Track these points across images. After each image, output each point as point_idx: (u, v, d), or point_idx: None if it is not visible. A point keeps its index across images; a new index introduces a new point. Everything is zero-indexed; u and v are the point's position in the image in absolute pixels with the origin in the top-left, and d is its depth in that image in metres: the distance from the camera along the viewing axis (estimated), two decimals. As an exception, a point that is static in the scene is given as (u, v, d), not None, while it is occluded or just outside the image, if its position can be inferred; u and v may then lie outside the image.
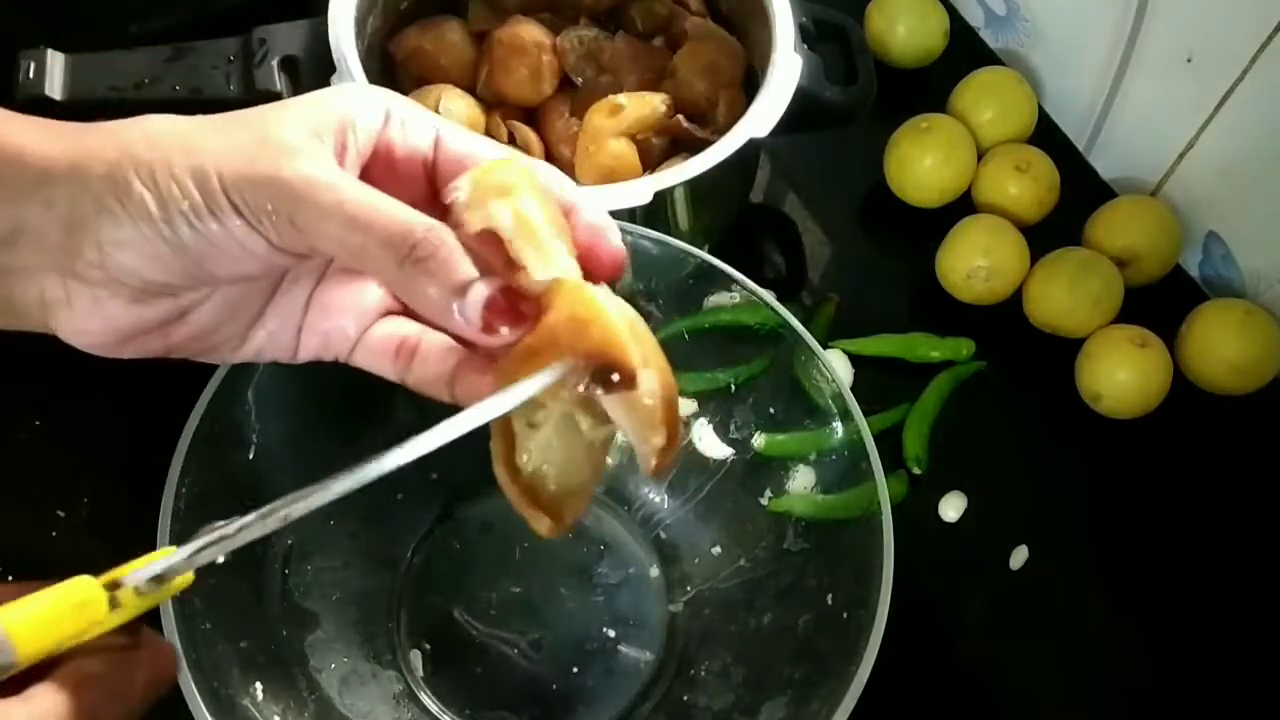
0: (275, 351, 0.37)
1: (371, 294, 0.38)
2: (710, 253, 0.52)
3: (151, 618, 0.40)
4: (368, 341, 0.38)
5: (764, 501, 0.55)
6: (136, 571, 0.29)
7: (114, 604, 0.28)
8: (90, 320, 0.32)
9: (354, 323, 0.37)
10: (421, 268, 0.30)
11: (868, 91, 0.66)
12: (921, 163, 0.71)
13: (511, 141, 0.64)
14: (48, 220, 0.31)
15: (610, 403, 0.32)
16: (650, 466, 0.33)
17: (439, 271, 0.30)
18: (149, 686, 0.29)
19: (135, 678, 0.29)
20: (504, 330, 0.31)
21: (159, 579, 0.29)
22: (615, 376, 0.31)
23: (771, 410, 0.55)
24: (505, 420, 0.33)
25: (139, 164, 0.31)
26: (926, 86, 0.78)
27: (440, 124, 0.35)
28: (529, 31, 0.65)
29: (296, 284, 0.37)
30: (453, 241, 0.31)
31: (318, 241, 0.31)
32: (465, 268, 0.31)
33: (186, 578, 0.29)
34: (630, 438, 0.33)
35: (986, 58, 0.82)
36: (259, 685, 0.46)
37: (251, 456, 0.48)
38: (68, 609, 0.27)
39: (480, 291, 0.31)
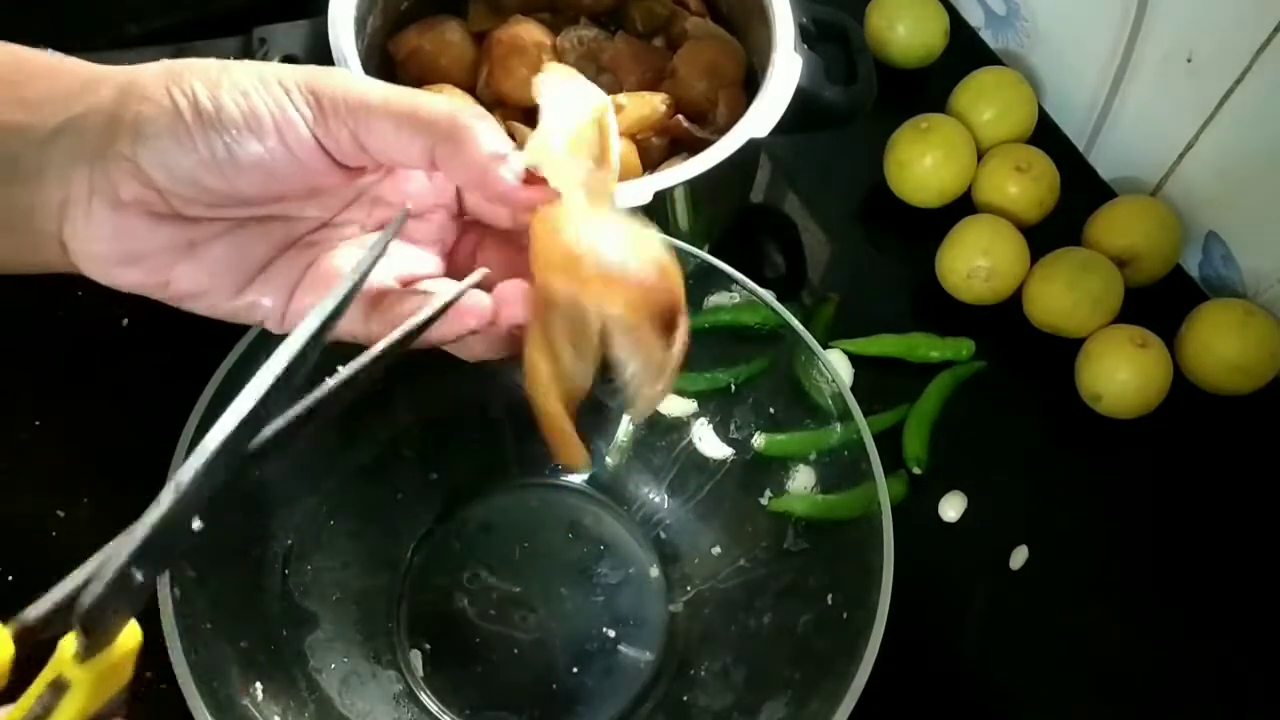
0: (267, 309, 0.37)
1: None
2: (710, 253, 0.52)
3: (151, 616, 0.40)
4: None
5: (764, 501, 0.55)
6: (33, 608, 0.26)
7: (61, 688, 0.26)
8: (102, 227, 0.33)
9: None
10: (468, 134, 0.34)
11: (868, 91, 0.66)
12: (921, 163, 0.71)
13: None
14: (92, 113, 0.33)
15: (623, 347, 0.34)
16: (637, 411, 0.35)
17: (484, 134, 0.34)
18: None
19: None
20: (535, 192, 0.35)
21: (94, 643, 0.26)
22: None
23: (771, 410, 0.55)
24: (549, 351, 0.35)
25: (194, 68, 0.33)
26: (926, 86, 0.78)
27: None
28: (529, 31, 0.65)
29: (307, 249, 0.37)
30: (486, 114, 0.35)
31: (369, 131, 0.34)
32: (503, 134, 0.35)
33: (132, 634, 0.27)
34: (631, 379, 0.35)
35: (986, 58, 0.82)
36: (259, 685, 0.46)
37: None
38: None
39: (519, 154, 0.35)
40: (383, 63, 0.66)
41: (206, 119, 0.32)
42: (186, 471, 0.28)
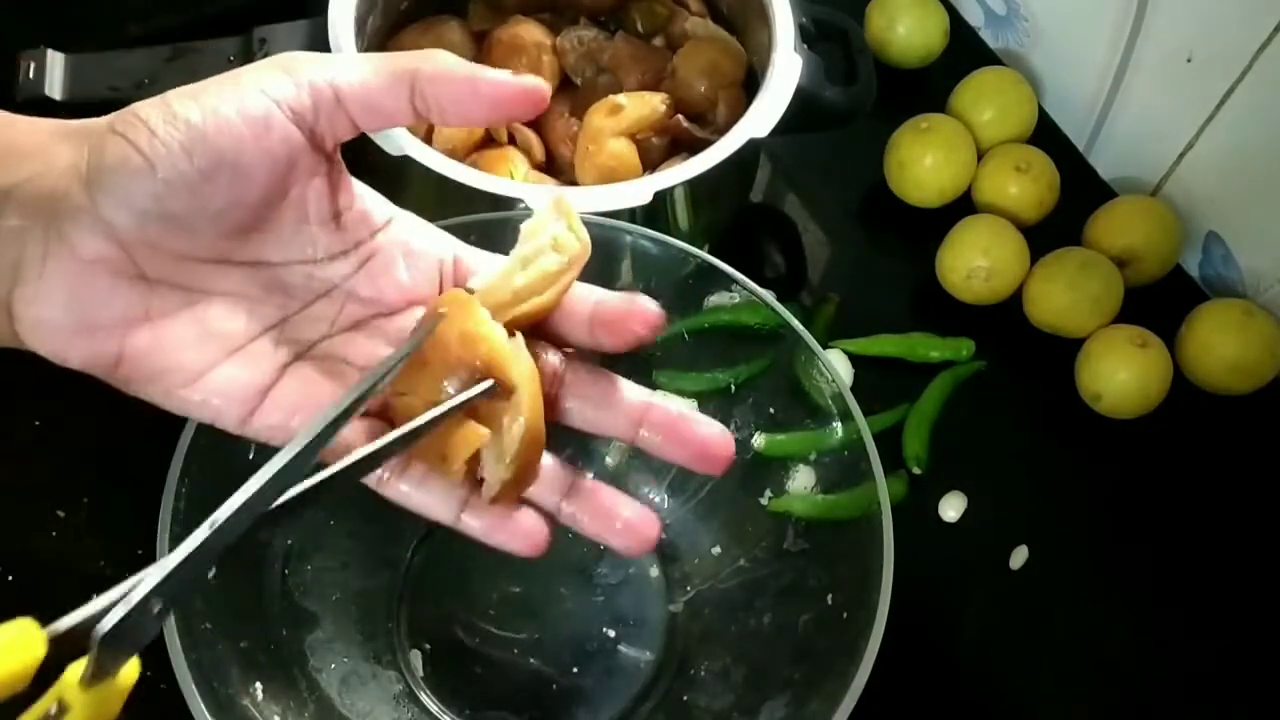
0: (226, 403, 0.35)
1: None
2: (710, 253, 0.52)
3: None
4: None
5: (764, 501, 0.55)
6: (64, 620, 0.27)
7: (62, 710, 0.27)
8: (57, 290, 0.31)
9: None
10: (442, 57, 0.34)
11: (868, 91, 0.66)
12: (921, 163, 0.71)
13: (512, 141, 0.64)
14: (49, 170, 0.31)
15: (486, 419, 0.35)
16: (489, 494, 0.36)
17: (450, 58, 0.34)
18: None
19: None
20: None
21: (101, 668, 0.27)
22: (492, 386, 0.35)
23: (771, 410, 0.55)
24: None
25: (144, 102, 0.32)
26: (926, 86, 0.78)
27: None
28: (529, 31, 0.65)
29: (279, 346, 0.36)
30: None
31: (345, 83, 0.33)
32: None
33: (133, 671, 0.28)
34: (485, 460, 0.36)
35: (986, 58, 0.82)
36: (259, 685, 0.46)
37: (251, 456, 0.48)
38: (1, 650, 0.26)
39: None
40: (383, 63, 0.66)
41: (160, 135, 0.31)
42: (224, 512, 0.30)
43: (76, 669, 0.27)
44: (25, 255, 0.31)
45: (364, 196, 0.38)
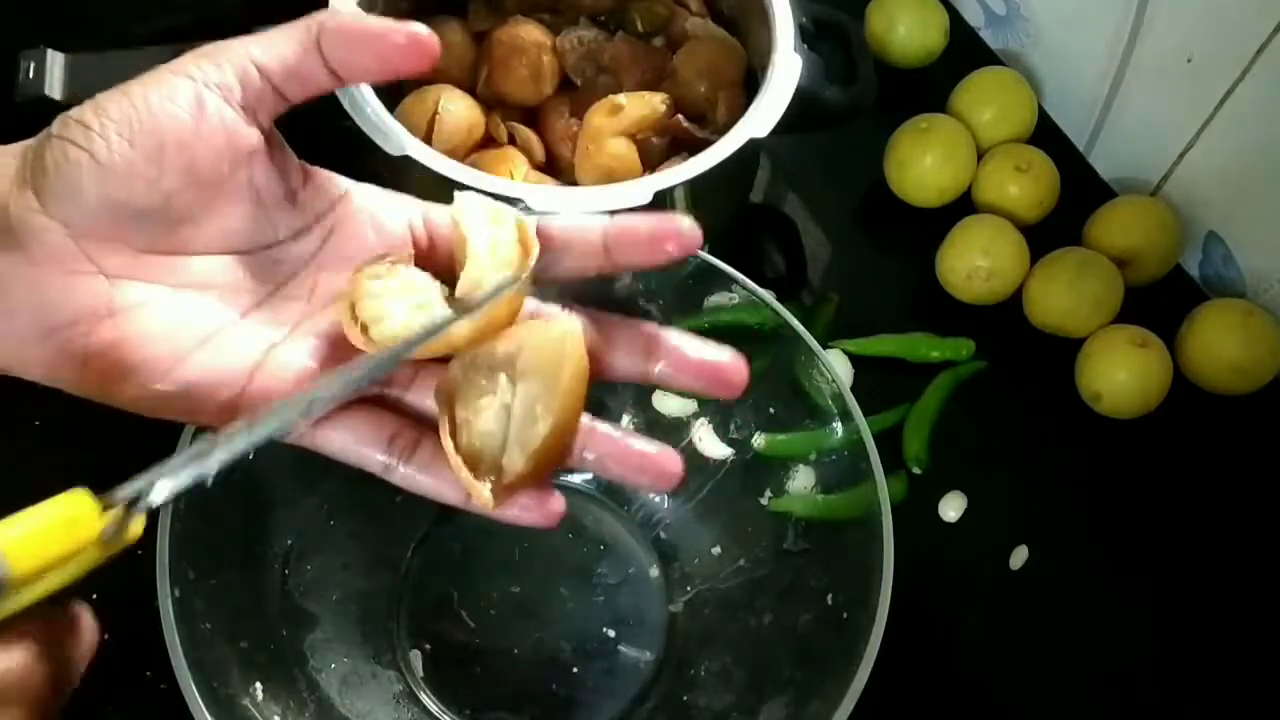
0: (209, 391, 0.34)
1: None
2: (710, 253, 0.52)
3: (151, 616, 0.40)
4: (349, 418, 0.35)
5: (764, 501, 0.55)
6: (130, 483, 0.30)
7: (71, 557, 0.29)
8: (14, 299, 0.31)
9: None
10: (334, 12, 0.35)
11: (868, 91, 0.66)
12: (921, 163, 0.71)
13: (511, 142, 0.64)
14: None
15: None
16: (505, 480, 0.34)
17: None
18: (75, 655, 0.30)
19: (66, 643, 0.30)
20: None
21: (122, 528, 0.30)
22: None
23: (771, 410, 0.55)
24: (450, 404, 0.34)
25: (78, 108, 0.33)
26: (926, 86, 0.78)
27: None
28: (529, 31, 0.65)
29: (258, 331, 0.35)
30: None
31: (264, 59, 0.34)
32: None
33: (136, 529, 0.30)
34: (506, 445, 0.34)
35: (986, 58, 0.82)
36: (259, 685, 0.46)
37: (252, 455, 0.48)
38: (60, 525, 0.28)
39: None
40: (383, 63, 0.66)
41: (95, 128, 0.31)
42: (294, 409, 0.32)
43: (106, 522, 0.29)
44: None
45: (316, 173, 0.37)
